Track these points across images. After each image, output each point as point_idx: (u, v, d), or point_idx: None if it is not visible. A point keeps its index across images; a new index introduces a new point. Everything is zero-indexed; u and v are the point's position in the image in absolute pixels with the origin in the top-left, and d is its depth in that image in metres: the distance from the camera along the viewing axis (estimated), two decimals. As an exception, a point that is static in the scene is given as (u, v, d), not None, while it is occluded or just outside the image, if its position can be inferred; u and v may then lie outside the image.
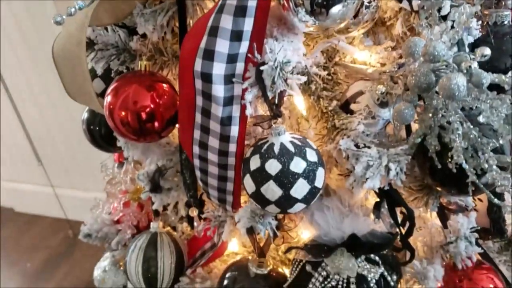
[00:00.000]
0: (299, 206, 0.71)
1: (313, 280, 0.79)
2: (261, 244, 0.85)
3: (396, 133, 0.64)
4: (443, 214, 0.88)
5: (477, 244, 0.85)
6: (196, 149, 0.77)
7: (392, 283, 0.79)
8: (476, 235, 0.85)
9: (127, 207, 1.09)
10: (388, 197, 0.77)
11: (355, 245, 0.73)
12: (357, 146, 0.72)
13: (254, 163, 0.70)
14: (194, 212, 0.94)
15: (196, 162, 0.79)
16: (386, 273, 0.79)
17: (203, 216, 0.89)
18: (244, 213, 0.76)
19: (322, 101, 0.76)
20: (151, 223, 0.99)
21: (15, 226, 2.76)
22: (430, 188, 0.84)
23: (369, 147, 0.71)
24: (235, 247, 1.04)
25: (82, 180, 2.55)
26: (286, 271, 0.92)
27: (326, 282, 0.77)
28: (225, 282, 0.89)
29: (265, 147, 0.69)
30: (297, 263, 0.82)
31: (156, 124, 0.81)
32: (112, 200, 1.07)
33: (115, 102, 0.79)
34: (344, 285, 0.76)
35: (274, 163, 0.68)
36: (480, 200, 0.95)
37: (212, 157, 0.75)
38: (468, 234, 0.85)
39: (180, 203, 0.97)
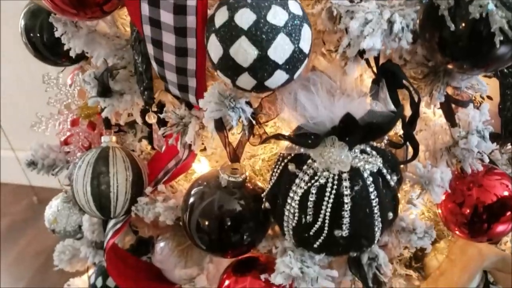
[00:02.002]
0: (280, 76, 0.55)
1: (297, 181, 0.64)
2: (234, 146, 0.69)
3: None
4: (449, 108, 0.74)
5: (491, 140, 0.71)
6: (147, 29, 0.61)
7: (392, 183, 0.65)
8: (491, 128, 0.71)
9: (75, 125, 0.92)
10: (389, 74, 0.63)
11: (350, 129, 0.58)
12: (351, 1, 0.57)
13: (221, 17, 0.54)
14: (152, 118, 0.78)
15: (150, 48, 0.63)
16: (385, 171, 0.64)
17: (162, 116, 0.72)
18: (211, 96, 0.60)
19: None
20: (102, 137, 0.82)
21: (-26, 194, 2.58)
22: (436, 73, 0.70)
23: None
24: (205, 167, 0.88)
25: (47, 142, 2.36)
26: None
27: (313, 181, 0.62)
28: (192, 198, 0.74)
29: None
30: (278, 163, 0.67)
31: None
32: (58, 117, 0.90)
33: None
34: (335, 182, 0.61)
35: (246, 13, 0.52)
36: (490, 98, 0.82)
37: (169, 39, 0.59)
38: (480, 128, 0.71)
39: (135, 109, 0.80)
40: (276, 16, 0.52)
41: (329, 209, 0.62)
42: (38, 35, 0.92)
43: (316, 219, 0.63)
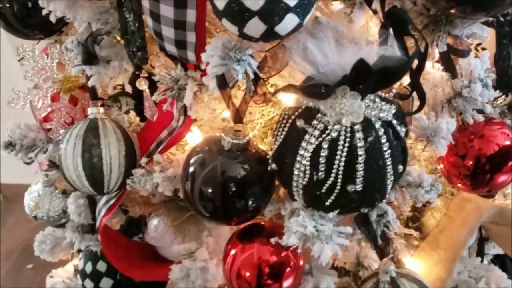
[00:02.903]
0: (291, 20, 0.52)
1: (306, 137, 0.61)
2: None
3: None
4: (450, 59, 0.73)
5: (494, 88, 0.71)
6: None
7: (402, 134, 0.64)
8: (493, 75, 0.71)
9: (56, 101, 0.86)
10: (395, 21, 0.61)
11: (363, 76, 0.56)
12: None
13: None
14: (143, 84, 0.74)
15: (146, 1, 0.59)
16: (395, 121, 0.62)
17: (156, 79, 0.68)
18: (214, 49, 0.57)
19: None
20: (89, 108, 0.77)
21: None
22: (436, 23, 0.68)
23: None
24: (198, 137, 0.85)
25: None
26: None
27: (324, 135, 0.60)
28: (192, 167, 0.70)
29: None
30: (284, 121, 0.64)
31: None
32: (37, 92, 0.84)
33: None
34: (348, 134, 0.59)
35: None
36: (484, 49, 0.81)
37: None
38: (483, 76, 0.70)
39: (123, 76, 0.76)
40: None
41: (342, 163, 0.59)
42: (8, 5, 0.85)
43: (328, 175, 0.61)
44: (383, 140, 0.61)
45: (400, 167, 0.65)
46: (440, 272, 0.87)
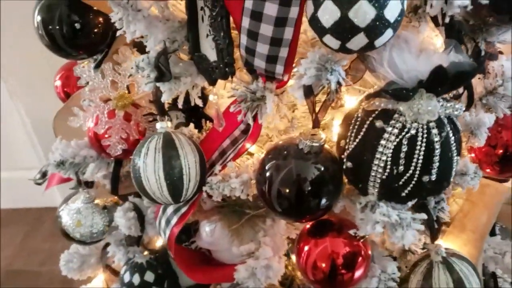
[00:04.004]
0: (388, 34, 0.60)
1: (385, 135, 0.69)
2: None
3: None
4: (484, 62, 0.83)
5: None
6: (248, 2, 0.62)
7: (459, 128, 0.73)
8: (522, 74, 0.82)
9: (112, 117, 0.89)
10: (453, 31, 0.70)
11: (440, 80, 0.65)
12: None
13: (336, -17, 0.57)
14: (214, 98, 0.79)
15: (246, 22, 0.64)
16: (454, 117, 0.72)
17: (232, 87, 0.74)
18: (311, 62, 0.63)
19: None
20: (158, 124, 0.81)
21: None
22: (474, 31, 0.79)
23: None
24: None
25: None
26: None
27: (403, 133, 0.68)
28: (268, 172, 0.76)
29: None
30: (358, 123, 0.72)
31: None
32: (94, 110, 0.87)
33: None
34: (425, 131, 0.68)
35: (365, -24, 0.56)
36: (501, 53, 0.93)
37: (269, 8, 0.61)
38: (513, 75, 0.81)
39: (195, 91, 0.80)
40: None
41: (421, 157, 0.68)
42: (58, 27, 0.88)
43: (407, 168, 0.69)
44: (450, 134, 0.70)
45: (459, 157, 0.75)
46: (471, 251, 0.98)
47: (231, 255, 0.93)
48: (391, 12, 0.58)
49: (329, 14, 0.58)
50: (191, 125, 0.88)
